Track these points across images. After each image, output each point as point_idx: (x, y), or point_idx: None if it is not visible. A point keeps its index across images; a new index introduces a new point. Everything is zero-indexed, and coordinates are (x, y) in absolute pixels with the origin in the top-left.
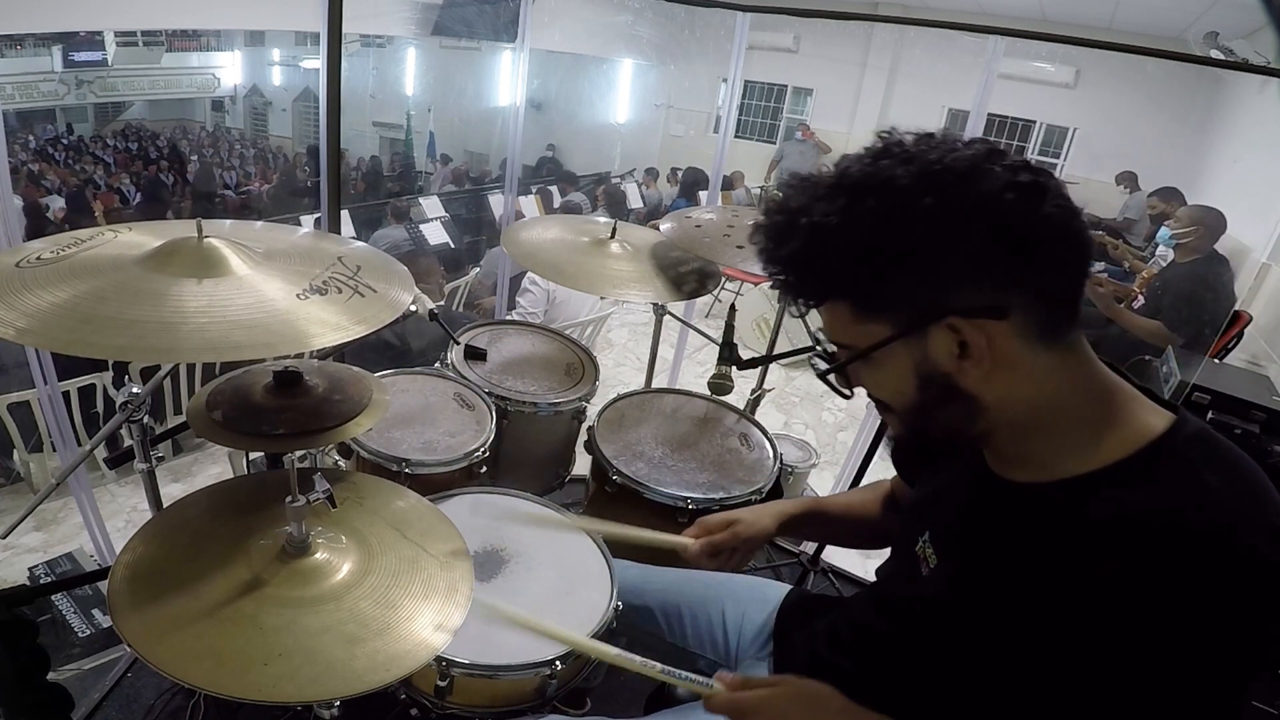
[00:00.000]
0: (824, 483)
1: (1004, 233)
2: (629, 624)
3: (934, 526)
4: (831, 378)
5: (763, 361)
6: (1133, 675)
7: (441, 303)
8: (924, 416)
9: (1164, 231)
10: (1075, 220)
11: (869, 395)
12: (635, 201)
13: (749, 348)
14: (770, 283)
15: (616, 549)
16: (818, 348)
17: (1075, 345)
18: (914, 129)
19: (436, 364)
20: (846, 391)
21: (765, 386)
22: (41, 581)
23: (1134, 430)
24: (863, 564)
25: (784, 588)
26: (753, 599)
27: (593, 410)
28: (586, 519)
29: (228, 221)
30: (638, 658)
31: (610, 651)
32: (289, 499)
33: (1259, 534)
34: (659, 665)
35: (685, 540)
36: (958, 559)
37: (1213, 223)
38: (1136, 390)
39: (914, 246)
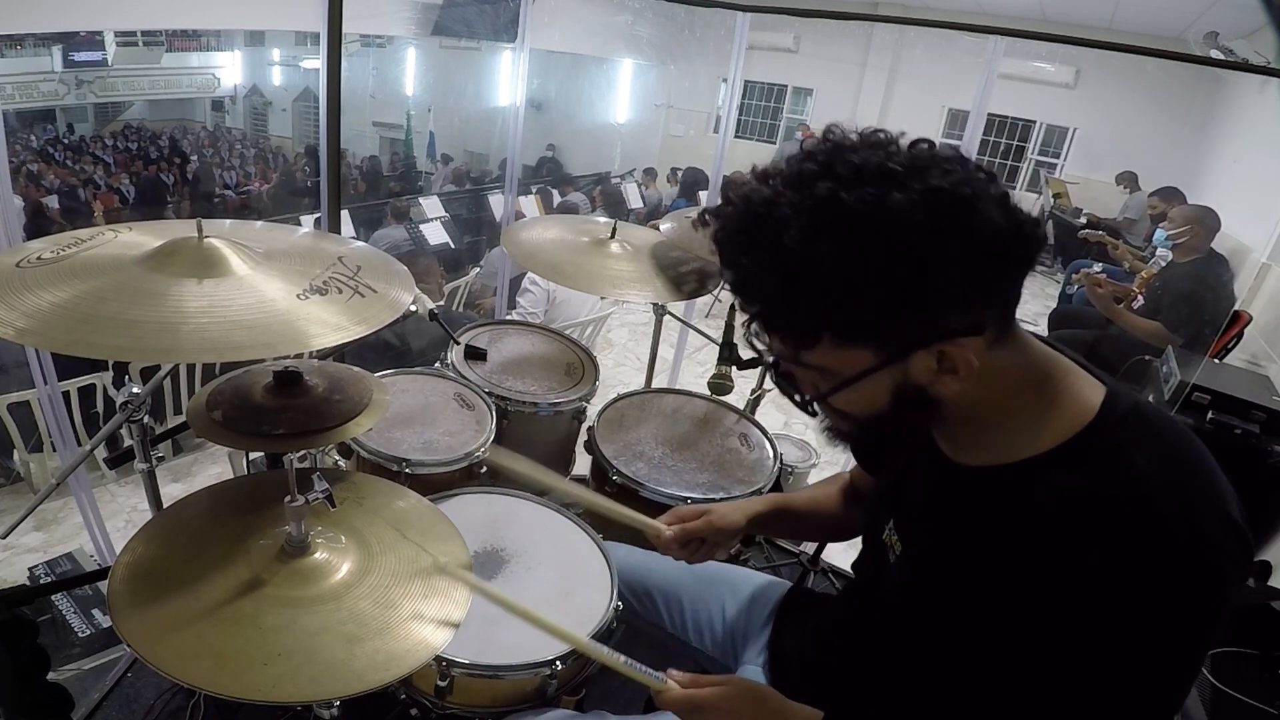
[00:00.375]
0: None
1: (990, 257)
2: (630, 610)
3: (898, 514)
4: (798, 396)
5: (762, 362)
6: (1068, 655)
7: (441, 303)
8: (885, 422)
9: (1160, 234)
10: (1038, 227)
11: (825, 410)
12: (635, 201)
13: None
14: (746, 315)
15: (596, 523)
16: (771, 359)
17: (1015, 335)
18: (859, 128)
19: (436, 364)
20: (812, 410)
21: (765, 386)
22: (41, 581)
23: (1072, 410)
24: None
25: (784, 585)
26: (754, 596)
27: (593, 410)
28: (568, 483)
29: (228, 221)
30: (604, 648)
31: (580, 640)
32: (288, 499)
33: (1184, 514)
34: (622, 657)
35: (659, 525)
36: (920, 544)
37: (1207, 221)
38: (1072, 363)
39: (911, 285)
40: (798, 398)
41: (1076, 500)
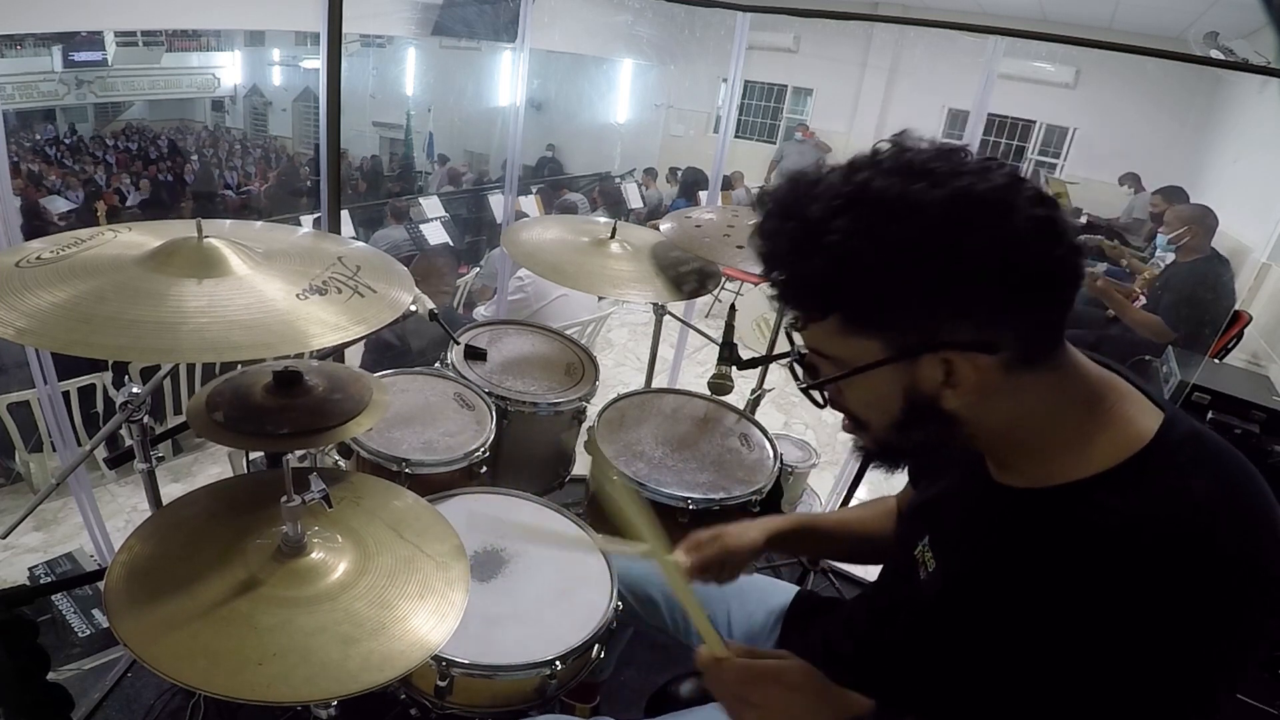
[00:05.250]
0: (824, 482)
1: (1012, 273)
2: (634, 616)
3: (933, 531)
4: (809, 385)
5: (763, 361)
6: (1113, 676)
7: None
8: (900, 433)
9: (1161, 238)
10: (1078, 258)
11: (841, 410)
12: (635, 201)
13: (749, 348)
14: (768, 284)
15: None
16: (794, 350)
17: (1059, 361)
18: (927, 136)
19: (436, 364)
20: (820, 402)
21: (765, 386)
22: (41, 581)
23: (1125, 434)
24: (863, 565)
25: (791, 590)
26: (760, 601)
27: (593, 410)
28: (591, 534)
29: (228, 221)
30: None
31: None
32: (284, 499)
33: (1240, 538)
34: (696, 600)
35: (677, 557)
36: (956, 563)
37: (1206, 220)
38: (1132, 388)
39: (924, 278)
40: (814, 392)
41: (1130, 521)
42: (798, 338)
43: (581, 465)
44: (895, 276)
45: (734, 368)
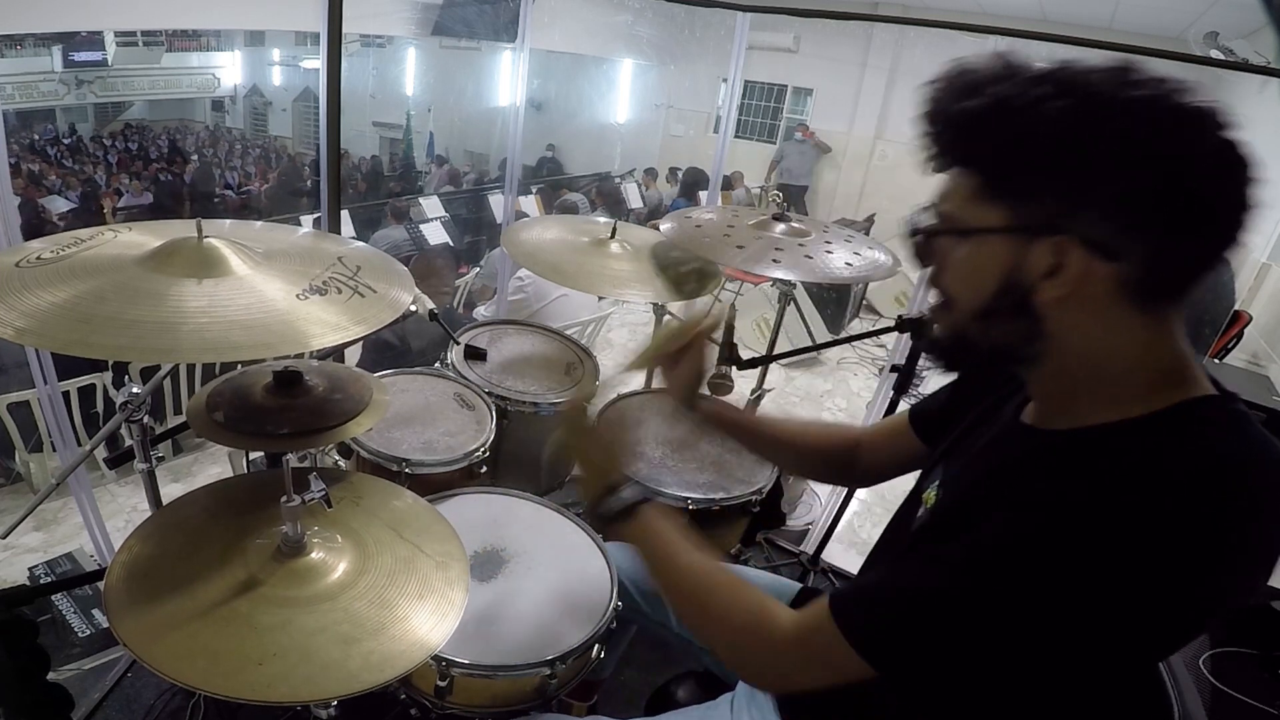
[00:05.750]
0: None
1: (1168, 189)
2: (636, 610)
3: (947, 473)
4: (920, 231)
5: (763, 361)
6: (1076, 611)
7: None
8: (985, 323)
9: None
10: (1243, 208)
11: (936, 284)
12: (635, 201)
13: (749, 348)
14: (923, 126)
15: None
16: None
17: (1166, 318)
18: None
19: (436, 364)
20: (922, 263)
21: (765, 386)
22: (41, 581)
23: (1175, 396)
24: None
25: (793, 586)
26: None
27: (593, 410)
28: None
29: (228, 221)
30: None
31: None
32: (284, 499)
33: (1256, 495)
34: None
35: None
36: (953, 493)
37: None
38: (1207, 379)
39: (1079, 159)
40: (914, 242)
41: (1127, 457)
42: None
43: None
44: (1052, 146)
45: (734, 368)
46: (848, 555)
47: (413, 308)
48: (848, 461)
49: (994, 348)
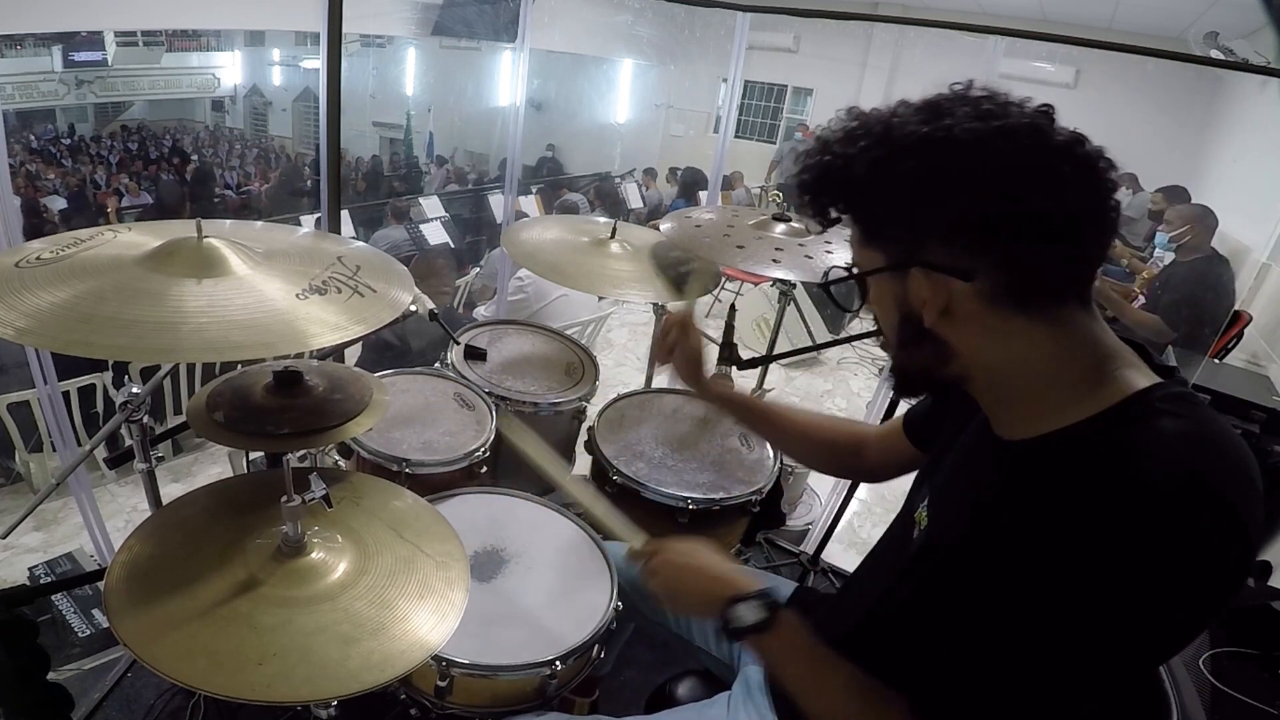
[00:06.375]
0: (824, 482)
1: (992, 208)
2: (635, 611)
3: (933, 491)
4: (830, 282)
5: (763, 361)
6: (1048, 612)
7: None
8: (905, 351)
9: (1161, 237)
10: (1085, 213)
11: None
12: (635, 201)
13: (749, 348)
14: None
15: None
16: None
17: (1065, 316)
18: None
19: (436, 364)
20: (847, 308)
21: (765, 386)
22: (41, 581)
23: (1117, 390)
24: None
25: (790, 585)
26: None
27: (593, 410)
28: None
29: (228, 221)
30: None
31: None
32: (284, 499)
33: (1198, 488)
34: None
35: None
36: (941, 517)
37: (1206, 220)
38: (1141, 360)
39: (909, 198)
40: (832, 284)
41: (1096, 459)
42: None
43: (582, 465)
44: (885, 194)
45: (734, 368)
46: (848, 555)
47: (412, 308)
48: (854, 456)
49: (921, 372)
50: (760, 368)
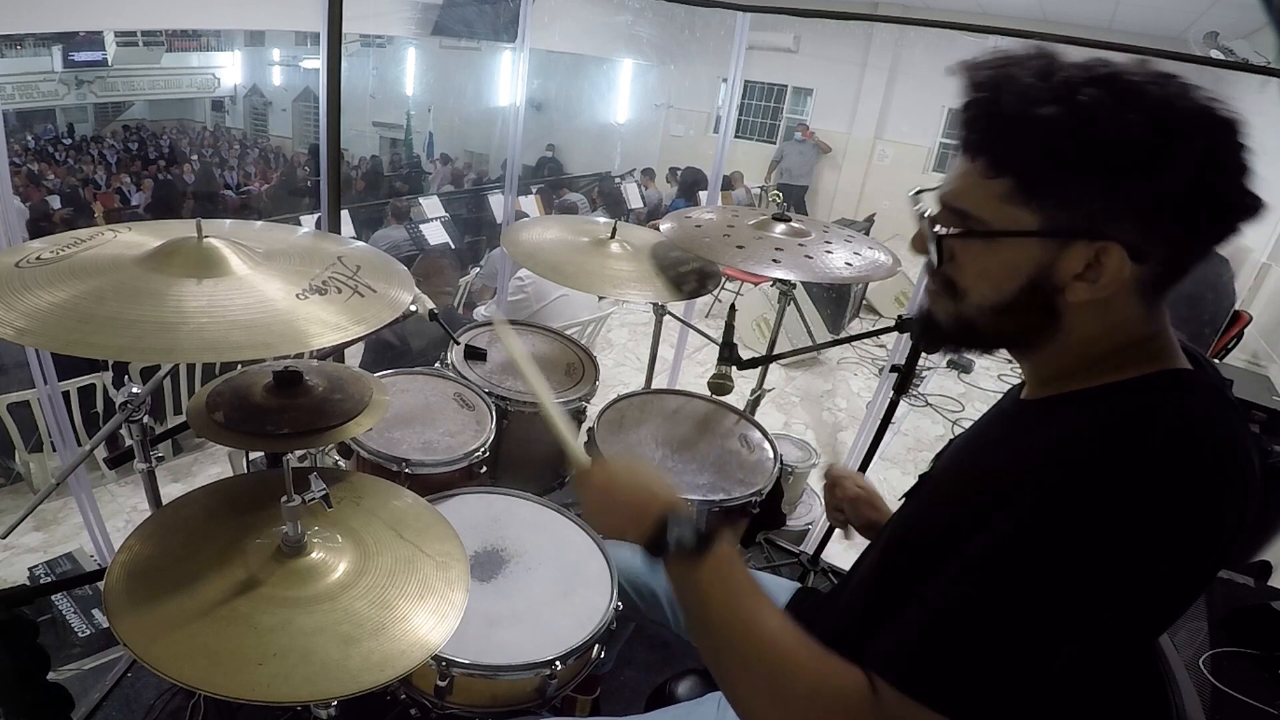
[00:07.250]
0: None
1: (1200, 192)
2: (635, 610)
3: (948, 449)
4: (949, 235)
5: (763, 361)
6: (1002, 564)
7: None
8: (996, 316)
9: None
10: (1252, 210)
11: (940, 275)
12: (635, 201)
13: (749, 348)
14: (960, 121)
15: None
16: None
17: (1160, 309)
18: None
19: (436, 364)
20: (937, 261)
21: (765, 387)
22: (41, 581)
23: (1146, 365)
24: None
25: (792, 586)
26: None
27: (593, 410)
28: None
29: (228, 221)
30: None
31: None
32: (284, 499)
33: (1180, 461)
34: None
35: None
36: (943, 459)
37: None
38: (1193, 353)
39: (1124, 165)
40: (934, 241)
41: (1092, 410)
42: (930, 201)
43: None
44: (1095, 155)
45: (734, 368)
46: (847, 555)
47: (413, 308)
48: None
49: (1001, 336)
50: (760, 368)
